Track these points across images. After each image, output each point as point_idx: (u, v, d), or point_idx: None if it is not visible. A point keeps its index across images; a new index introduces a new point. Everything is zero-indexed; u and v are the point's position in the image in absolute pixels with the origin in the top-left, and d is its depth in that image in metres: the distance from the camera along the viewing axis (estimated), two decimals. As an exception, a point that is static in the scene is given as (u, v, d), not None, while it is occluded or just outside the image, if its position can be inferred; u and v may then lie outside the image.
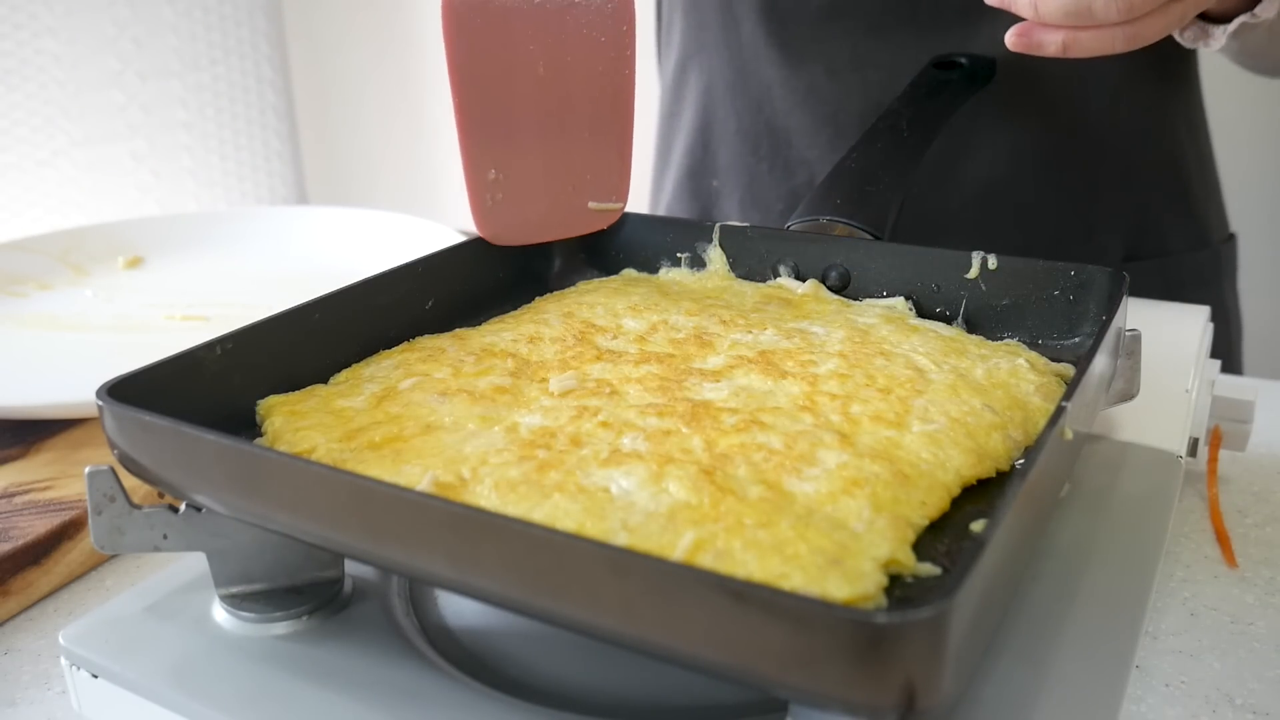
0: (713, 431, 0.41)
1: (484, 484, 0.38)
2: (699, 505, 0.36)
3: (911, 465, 0.40)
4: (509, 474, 0.38)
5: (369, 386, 0.46)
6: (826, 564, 0.33)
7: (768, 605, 0.27)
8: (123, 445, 0.39)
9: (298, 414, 0.44)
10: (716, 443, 0.40)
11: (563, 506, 0.36)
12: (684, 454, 0.39)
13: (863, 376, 0.46)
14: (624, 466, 0.38)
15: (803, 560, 0.33)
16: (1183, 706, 0.43)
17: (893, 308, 0.55)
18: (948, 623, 0.27)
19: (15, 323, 0.81)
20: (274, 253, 0.96)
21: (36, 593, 0.52)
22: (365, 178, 2.25)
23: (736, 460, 0.39)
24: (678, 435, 0.41)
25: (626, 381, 0.46)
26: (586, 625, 0.31)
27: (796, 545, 0.34)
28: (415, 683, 0.38)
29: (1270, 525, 0.56)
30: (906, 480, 0.39)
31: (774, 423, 0.42)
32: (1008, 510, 0.31)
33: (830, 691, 0.28)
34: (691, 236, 0.60)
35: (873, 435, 0.41)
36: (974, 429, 0.43)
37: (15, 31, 1.59)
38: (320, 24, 2.14)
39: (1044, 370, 0.48)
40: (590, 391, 0.45)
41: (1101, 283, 0.50)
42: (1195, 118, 0.89)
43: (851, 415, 0.43)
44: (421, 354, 0.49)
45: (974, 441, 0.42)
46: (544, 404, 0.44)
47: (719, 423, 0.42)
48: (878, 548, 0.35)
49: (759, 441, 0.40)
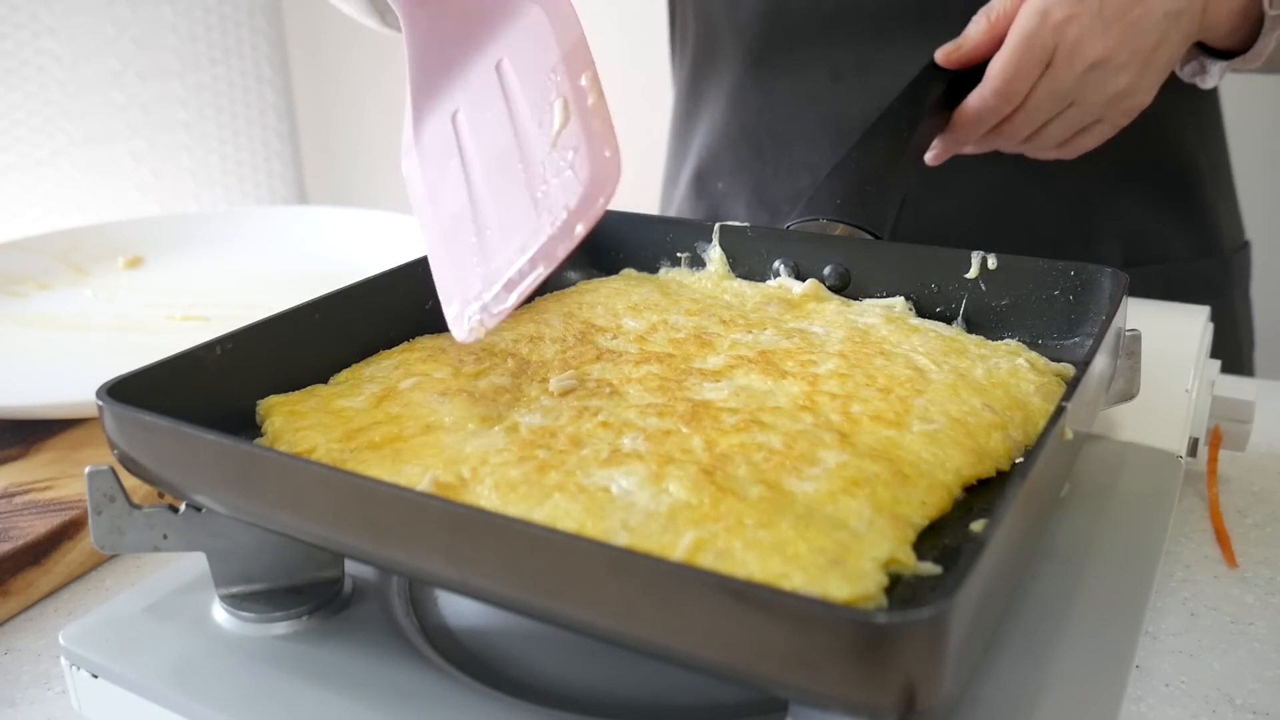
0: (713, 431, 0.41)
1: (484, 484, 0.38)
2: (699, 505, 0.36)
3: (911, 465, 0.40)
4: (509, 474, 0.38)
5: (369, 386, 0.46)
6: (827, 564, 0.33)
7: (768, 605, 0.27)
8: (123, 445, 0.39)
9: (297, 414, 0.44)
10: (717, 443, 0.40)
11: (563, 506, 0.36)
12: (684, 454, 0.39)
13: (863, 376, 0.46)
14: (624, 466, 0.38)
15: (803, 560, 0.33)
16: (1183, 706, 0.43)
17: (892, 307, 0.55)
18: (948, 623, 0.27)
19: (15, 323, 0.81)
20: (274, 253, 0.96)
21: (36, 593, 0.52)
22: (365, 178, 2.25)
23: (737, 460, 0.39)
24: (678, 435, 0.41)
25: (627, 381, 0.46)
26: (586, 625, 0.31)
27: (797, 545, 0.34)
28: (415, 683, 0.38)
29: (1270, 525, 0.56)
30: (906, 480, 0.39)
31: (774, 422, 0.42)
32: (1008, 510, 0.31)
33: (830, 691, 0.28)
34: (692, 236, 0.60)
35: (873, 435, 0.41)
36: (974, 429, 0.43)
37: (15, 31, 1.59)
38: (320, 23, 2.14)
39: (1044, 370, 0.48)
40: (590, 392, 0.45)
41: (1101, 282, 0.50)
42: (1207, 123, 0.88)
43: (851, 415, 0.43)
44: (421, 354, 0.49)
45: (974, 441, 0.42)
46: (544, 404, 0.44)
47: (719, 423, 0.41)
48: (878, 547, 0.35)
49: (759, 441, 0.40)
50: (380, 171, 2.23)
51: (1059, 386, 0.47)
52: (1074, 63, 0.66)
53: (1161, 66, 0.68)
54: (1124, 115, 0.70)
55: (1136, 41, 0.66)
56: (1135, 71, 0.67)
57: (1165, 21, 0.66)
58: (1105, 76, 0.67)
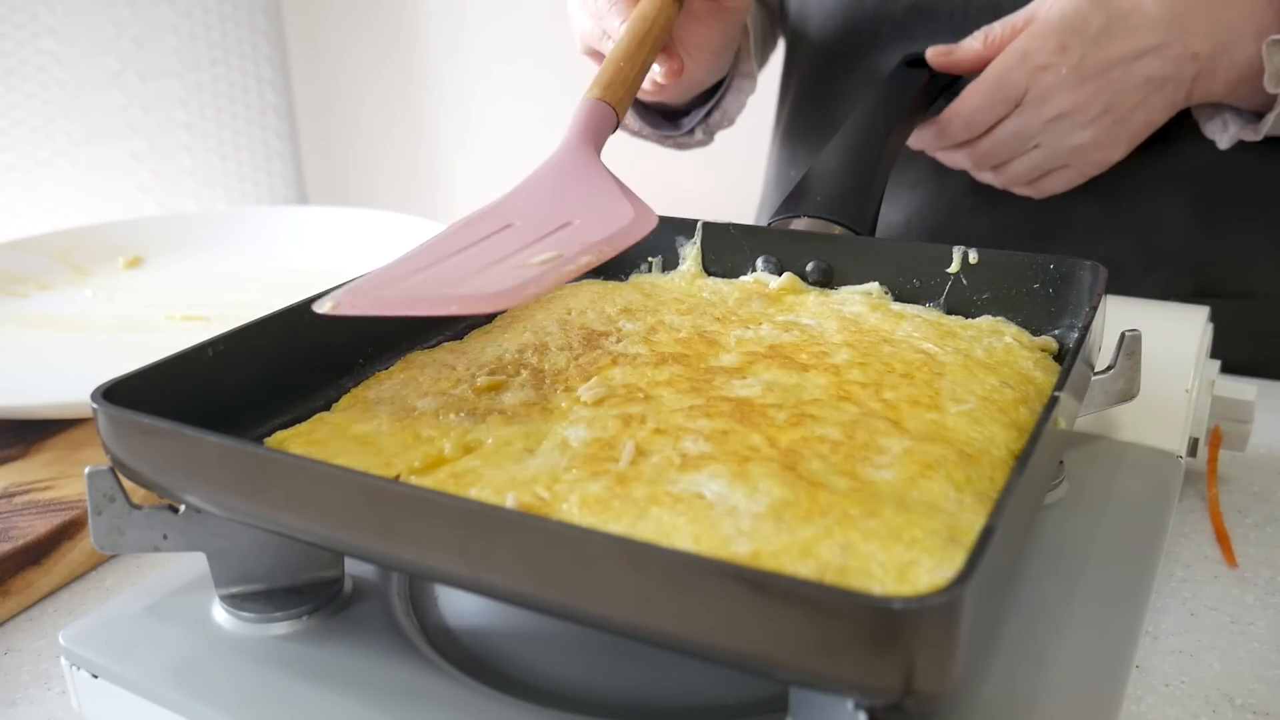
0: (768, 428, 0.40)
1: (569, 502, 0.36)
2: (797, 501, 0.35)
3: (967, 444, 0.40)
4: (590, 490, 0.37)
5: (381, 409, 0.45)
6: (946, 543, 0.33)
7: (787, 594, 0.28)
8: (118, 450, 0.39)
9: (317, 443, 0.42)
10: (777, 439, 0.39)
11: (667, 520, 0.35)
12: (753, 452, 0.38)
13: (879, 364, 0.46)
14: (706, 470, 0.37)
15: (923, 543, 0.33)
16: (1183, 706, 0.43)
17: (869, 293, 0.55)
18: (961, 607, 0.27)
19: (15, 323, 0.81)
20: (274, 253, 0.96)
21: (36, 593, 0.52)
22: (365, 178, 2.25)
23: (805, 454, 0.38)
24: (736, 434, 0.40)
25: (655, 385, 0.45)
26: (601, 619, 0.31)
27: (911, 530, 0.34)
28: (415, 683, 0.38)
29: (1270, 525, 0.56)
30: (970, 459, 0.39)
31: (822, 414, 0.41)
32: (1011, 498, 0.32)
33: (845, 676, 0.28)
34: (673, 232, 0.60)
35: (917, 419, 0.41)
36: (1004, 405, 0.43)
37: (15, 31, 1.59)
38: (320, 23, 2.14)
39: (1030, 345, 0.49)
40: (623, 399, 0.44)
41: (1081, 275, 0.51)
42: None
43: (889, 402, 0.43)
44: (424, 371, 0.48)
45: (1008, 417, 0.42)
46: (581, 415, 0.43)
47: (769, 419, 0.41)
48: (980, 522, 0.35)
49: (818, 434, 0.40)
50: (380, 171, 2.23)
51: (1050, 360, 0.49)
52: (1042, 109, 0.67)
53: (1137, 127, 0.69)
54: (1092, 166, 0.71)
55: (1112, 100, 0.66)
56: (1105, 128, 0.68)
57: (1148, 86, 0.66)
58: (1071, 128, 0.68)
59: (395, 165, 2.20)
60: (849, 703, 0.30)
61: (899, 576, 0.32)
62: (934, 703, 0.28)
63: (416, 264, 0.46)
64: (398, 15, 2.09)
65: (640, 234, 0.47)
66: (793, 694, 0.33)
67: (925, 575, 0.32)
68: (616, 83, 0.58)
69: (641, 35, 0.61)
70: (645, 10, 0.63)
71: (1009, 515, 0.31)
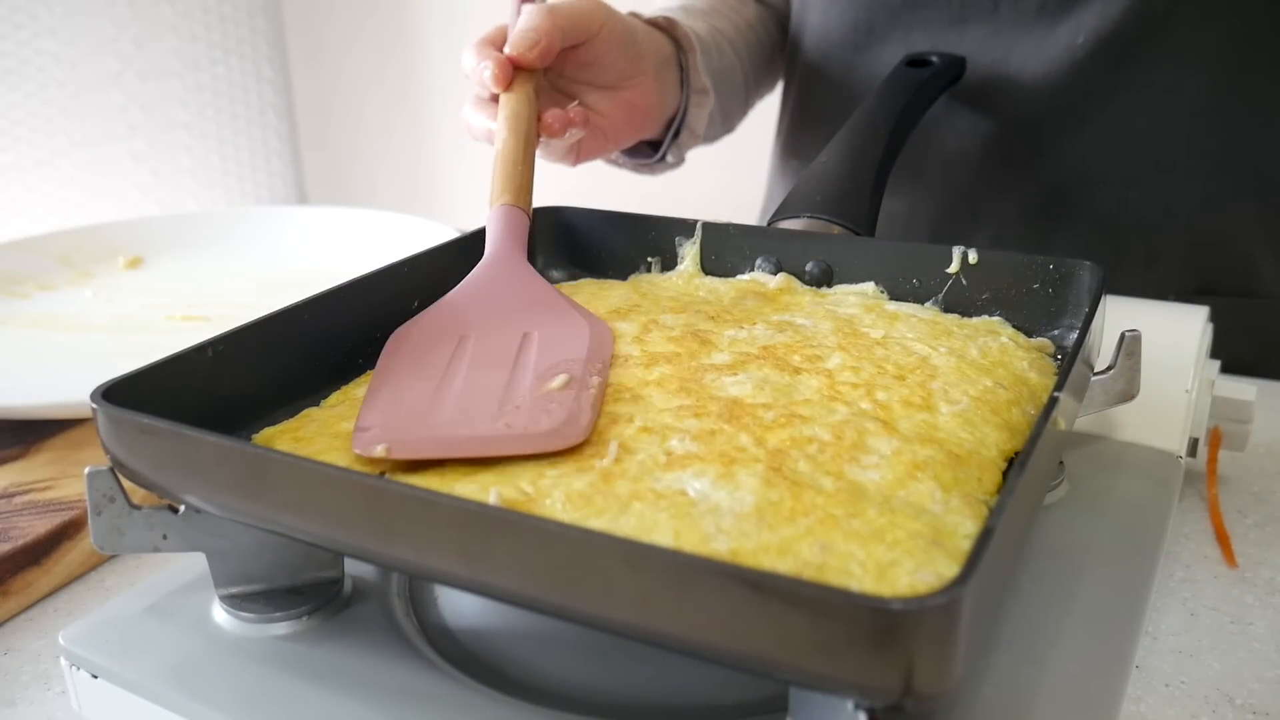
0: (756, 428, 0.40)
1: (552, 498, 0.36)
2: (781, 501, 0.35)
3: (957, 445, 0.40)
4: (575, 486, 0.37)
5: None
6: (928, 545, 0.33)
7: (787, 595, 0.27)
8: (118, 450, 0.39)
9: (303, 440, 0.42)
10: (765, 439, 0.39)
11: (650, 516, 0.35)
12: (740, 451, 0.38)
13: (872, 365, 0.46)
14: (691, 469, 0.37)
15: (906, 545, 0.33)
16: (1183, 706, 0.43)
17: (864, 293, 0.55)
18: (960, 608, 0.27)
19: (15, 323, 0.81)
20: (274, 253, 0.96)
21: (36, 593, 0.52)
22: (365, 178, 2.25)
23: (793, 454, 0.38)
24: (724, 434, 0.40)
25: (644, 385, 0.45)
26: (601, 619, 0.31)
27: (894, 531, 0.33)
28: (415, 683, 0.38)
29: (1270, 525, 0.56)
30: (959, 460, 0.39)
31: (812, 415, 0.41)
32: (1011, 498, 0.32)
33: (843, 676, 0.28)
34: (674, 233, 0.60)
35: (909, 420, 0.41)
36: (997, 406, 0.43)
37: (15, 31, 1.59)
38: (320, 23, 2.14)
39: (1027, 346, 0.49)
40: (611, 399, 0.44)
41: (1080, 276, 0.51)
42: None
43: (881, 402, 0.43)
44: None
45: (1001, 418, 0.42)
46: None
47: (758, 419, 0.41)
48: (965, 525, 0.35)
49: (807, 435, 0.40)
50: (379, 171, 2.23)
51: (1046, 361, 0.49)
52: None
53: None
54: None
55: None
56: None
57: None
58: None
59: (395, 165, 2.20)
60: (849, 703, 0.30)
61: (878, 576, 0.32)
62: (934, 703, 0.28)
63: (419, 386, 0.45)
64: (398, 15, 2.09)
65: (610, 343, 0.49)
66: (793, 694, 0.33)
67: (905, 576, 0.32)
68: (518, 188, 0.58)
69: (525, 134, 0.61)
70: (517, 109, 0.62)
71: (1008, 515, 0.31)
